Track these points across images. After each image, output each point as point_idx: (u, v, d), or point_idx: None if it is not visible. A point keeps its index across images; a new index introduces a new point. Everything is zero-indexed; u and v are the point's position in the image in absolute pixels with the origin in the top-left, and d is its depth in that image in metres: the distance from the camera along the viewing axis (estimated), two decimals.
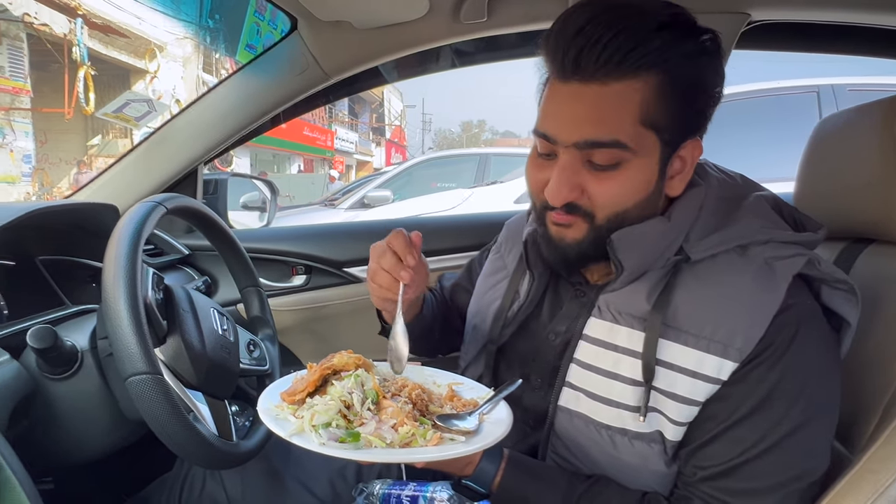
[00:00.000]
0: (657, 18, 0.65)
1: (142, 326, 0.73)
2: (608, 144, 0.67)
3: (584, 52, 0.65)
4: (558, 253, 0.75)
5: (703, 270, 0.71)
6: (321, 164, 22.14)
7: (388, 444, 0.65)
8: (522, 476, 0.76)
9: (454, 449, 0.66)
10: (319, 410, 0.66)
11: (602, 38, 0.64)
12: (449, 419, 0.71)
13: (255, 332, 1.13)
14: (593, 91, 0.66)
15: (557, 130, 0.69)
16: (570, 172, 0.69)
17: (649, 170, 0.69)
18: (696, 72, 0.68)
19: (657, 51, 0.64)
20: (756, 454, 0.66)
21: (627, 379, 0.71)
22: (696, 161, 0.73)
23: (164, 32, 11.39)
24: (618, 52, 0.64)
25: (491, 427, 0.71)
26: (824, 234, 0.73)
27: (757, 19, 1.26)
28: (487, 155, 6.36)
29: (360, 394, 0.69)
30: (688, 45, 0.66)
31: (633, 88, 0.65)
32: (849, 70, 3.58)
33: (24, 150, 9.61)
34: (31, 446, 0.78)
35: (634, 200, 0.70)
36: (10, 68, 8.98)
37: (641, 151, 0.68)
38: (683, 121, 0.69)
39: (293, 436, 0.64)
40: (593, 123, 0.67)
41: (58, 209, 1.11)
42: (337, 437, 0.64)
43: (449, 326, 1.04)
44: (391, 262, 0.80)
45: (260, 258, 1.53)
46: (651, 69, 0.65)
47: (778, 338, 0.66)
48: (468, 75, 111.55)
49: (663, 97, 0.66)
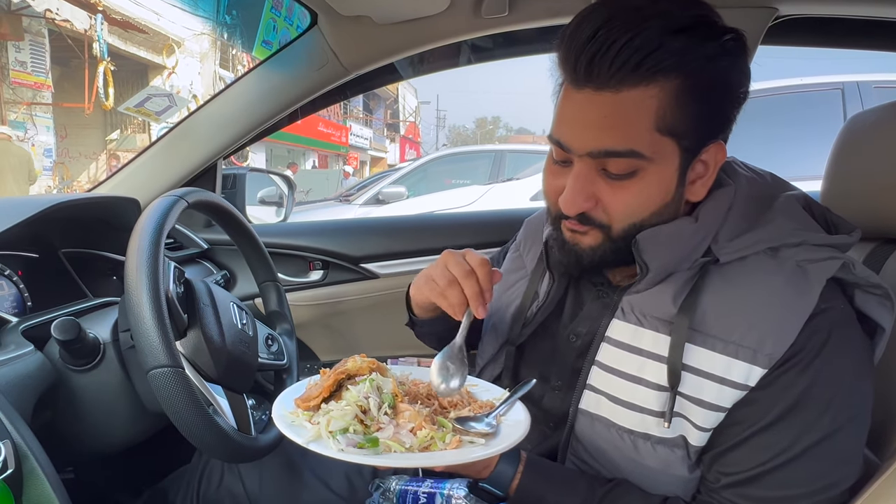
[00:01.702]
0: (675, 20, 0.62)
1: (164, 320, 0.73)
2: (623, 154, 0.65)
3: (596, 58, 0.62)
4: (573, 257, 0.74)
5: (731, 273, 0.69)
6: (336, 160, 22.22)
7: (406, 449, 0.64)
8: (540, 479, 0.75)
9: (474, 453, 0.65)
10: (336, 416, 0.66)
11: (616, 44, 0.61)
12: (467, 421, 0.70)
13: (272, 327, 1.13)
14: (607, 98, 0.63)
15: (571, 139, 0.67)
16: (584, 182, 0.67)
17: (667, 177, 0.67)
18: (718, 74, 0.65)
19: (674, 55, 0.61)
20: (783, 462, 0.64)
21: (652, 384, 0.70)
22: (720, 164, 0.70)
23: (181, 28, 11.49)
24: (632, 59, 0.61)
25: (509, 429, 0.70)
26: (858, 237, 0.71)
27: (784, 14, 1.23)
28: (503, 152, 6.33)
29: (377, 398, 0.69)
30: (708, 48, 0.63)
31: (649, 95, 0.63)
32: (874, 67, 3.51)
33: (46, 144, 9.76)
34: (54, 437, 0.79)
35: (652, 209, 0.68)
36: (32, 63, 9.11)
37: (659, 159, 0.65)
38: (704, 125, 0.66)
39: (311, 442, 0.64)
40: (607, 132, 0.65)
41: (80, 202, 1.13)
42: (355, 443, 0.64)
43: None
44: (474, 290, 0.77)
45: (277, 253, 1.54)
46: (669, 74, 0.62)
47: (809, 343, 0.64)
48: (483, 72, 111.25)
49: (682, 102, 0.64)
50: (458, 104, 78.05)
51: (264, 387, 1.35)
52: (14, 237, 0.94)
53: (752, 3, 1.20)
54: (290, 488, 0.96)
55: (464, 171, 6.45)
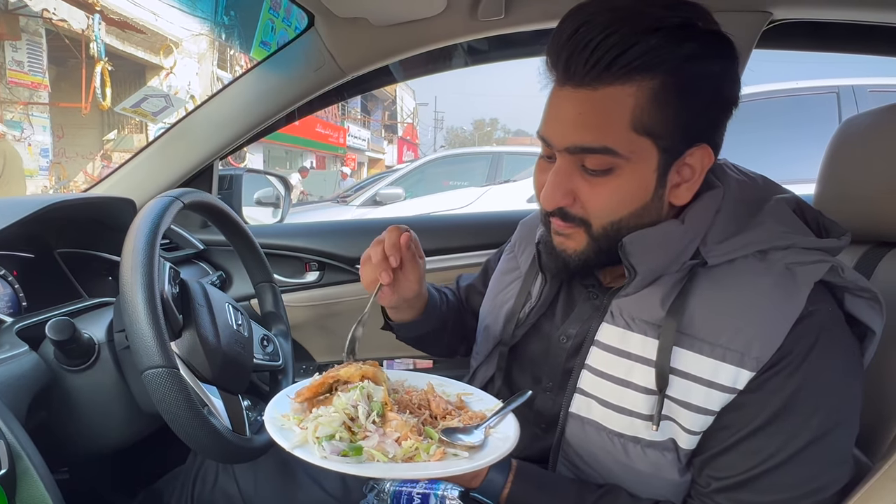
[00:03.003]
0: (653, 20, 0.62)
1: (158, 320, 0.73)
2: (598, 150, 0.66)
3: (573, 57, 0.64)
4: (559, 261, 0.75)
5: (720, 276, 0.69)
6: (333, 161, 22.21)
7: (390, 459, 0.64)
8: (531, 487, 0.75)
9: (456, 466, 0.65)
10: (323, 422, 0.66)
11: (591, 43, 0.63)
12: (454, 433, 0.69)
13: (268, 328, 1.13)
14: (585, 96, 0.65)
15: (552, 134, 0.69)
16: (563, 177, 0.69)
17: (644, 178, 0.68)
18: (699, 75, 0.65)
19: (648, 54, 0.62)
20: (773, 466, 0.65)
21: (640, 387, 0.70)
22: (706, 169, 0.70)
23: (179, 29, 11.47)
24: (605, 57, 0.62)
25: (497, 442, 0.69)
26: (848, 241, 0.71)
27: (778, 18, 1.24)
28: (500, 153, 6.35)
29: (366, 406, 0.69)
30: (686, 48, 0.63)
31: (626, 93, 0.64)
32: (869, 70, 3.52)
33: (42, 144, 9.73)
34: (49, 437, 0.79)
35: (629, 209, 0.69)
36: (29, 63, 9.09)
37: (635, 158, 0.66)
38: (685, 127, 0.67)
39: (296, 448, 0.64)
40: (583, 128, 0.66)
41: (76, 203, 1.12)
42: (339, 451, 0.63)
43: (465, 327, 1.04)
44: (379, 256, 0.81)
45: (273, 254, 1.54)
46: (646, 73, 0.63)
47: (797, 346, 0.64)
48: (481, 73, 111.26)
49: (661, 103, 0.64)
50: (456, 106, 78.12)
51: (260, 388, 1.35)
52: (9, 237, 0.94)
53: (746, 7, 1.21)
54: (285, 489, 0.96)
55: (461, 172, 6.46)
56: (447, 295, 1.05)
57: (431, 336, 0.99)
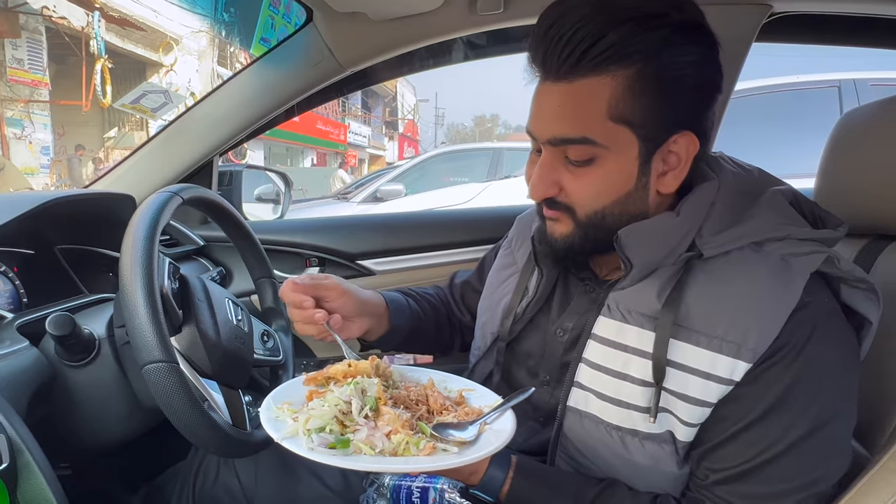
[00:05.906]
0: (624, 12, 0.63)
1: (158, 315, 0.73)
2: (577, 141, 0.68)
3: (549, 51, 0.66)
4: (548, 245, 0.77)
5: (715, 267, 0.69)
6: (334, 158, 22.19)
7: (378, 452, 0.64)
8: (531, 483, 0.75)
9: (445, 460, 0.64)
10: (315, 414, 0.66)
11: (564, 37, 0.64)
12: (446, 428, 0.69)
13: (268, 323, 1.14)
14: (562, 89, 0.67)
15: (535, 128, 0.72)
16: (548, 169, 0.71)
17: (626, 166, 0.69)
18: (673, 63, 0.65)
19: (619, 44, 0.63)
20: (771, 457, 0.65)
21: (637, 380, 0.70)
22: (692, 156, 0.70)
23: (179, 26, 11.45)
24: (576, 50, 0.64)
25: (491, 437, 0.69)
26: (844, 231, 0.71)
27: (779, 11, 1.23)
28: (500, 149, 6.33)
29: (360, 401, 0.68)
30: (657, 36, 0.64)
31: (601, 84, 0.65)
32: (871, 64, 3.51)
33: (43, 141, 9.75)
34: (50, 432, 0.79)
35: (613, 197, 0.70)
36: (29, 61, 9.10)
37: (615, 147, 0.67)
38: (664, 115, 0.67)
39: (285, 439, 0.64)
40: (561, 120, 0.68)
41: (76, 199, 1.13)
42: (327, 443, 0.64)
43: (455, 324, 1.04)
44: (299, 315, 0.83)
45: (274, 250, 1.54)
46: (619, 63, 0.64)
47: (793, 337, 0.64)
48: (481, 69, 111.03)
49: (636, 92, 0.65)
50: (457, 102, 77.97)
51: (260, 383, 1.36)
52: (10, 233, 0.95)
53: (746, 0, 1.20)
54: (286, 483, 0.96)
55: (462, 168, 6.44)
56: (429, 297, 1.07)
57: (413, 339, 1.01)
